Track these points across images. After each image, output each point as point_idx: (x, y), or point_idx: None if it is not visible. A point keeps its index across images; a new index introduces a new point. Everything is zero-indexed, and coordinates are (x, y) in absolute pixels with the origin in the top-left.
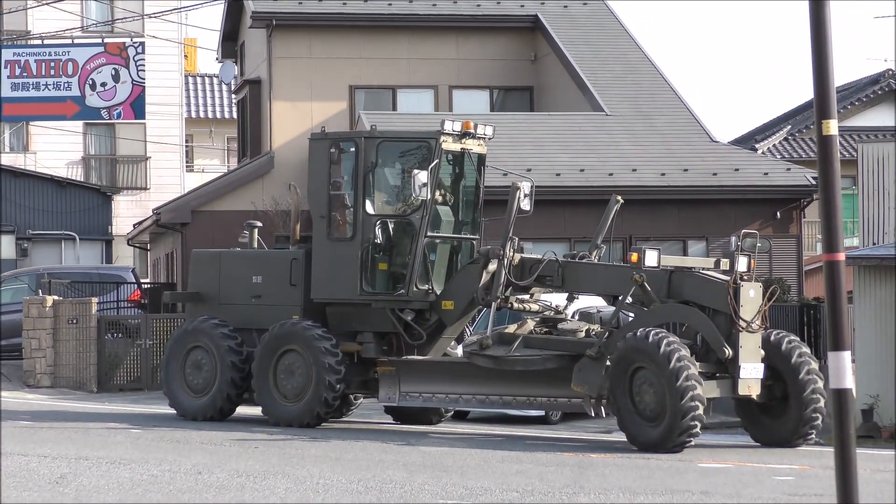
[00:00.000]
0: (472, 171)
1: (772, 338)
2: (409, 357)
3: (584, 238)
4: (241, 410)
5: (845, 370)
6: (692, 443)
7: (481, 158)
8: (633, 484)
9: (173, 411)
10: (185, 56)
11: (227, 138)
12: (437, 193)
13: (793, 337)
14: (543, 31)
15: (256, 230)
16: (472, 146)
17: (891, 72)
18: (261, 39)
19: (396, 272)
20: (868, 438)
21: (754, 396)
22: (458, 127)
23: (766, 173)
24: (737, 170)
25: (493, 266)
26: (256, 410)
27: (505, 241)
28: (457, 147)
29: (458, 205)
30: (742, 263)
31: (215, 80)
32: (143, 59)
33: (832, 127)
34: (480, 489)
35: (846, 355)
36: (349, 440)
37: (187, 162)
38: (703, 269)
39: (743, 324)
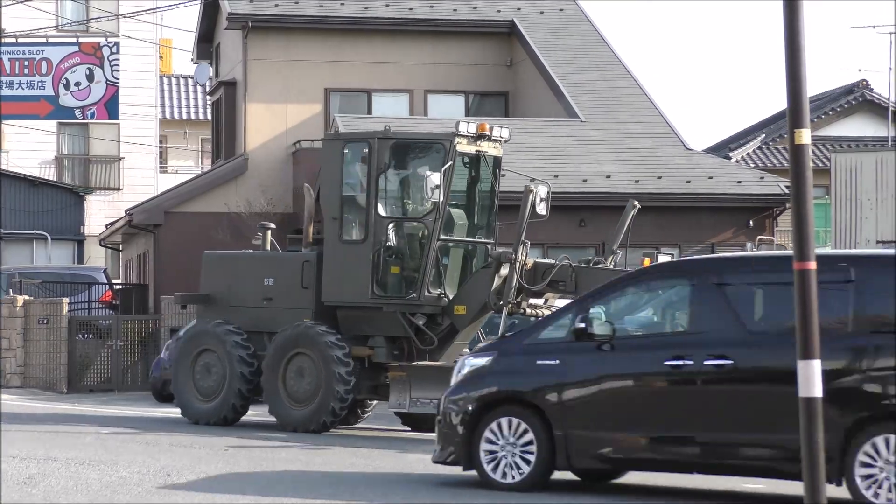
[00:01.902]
0: (487, 174)
1: None
2: (419, 362)
3: (558, 244)
4: (252, 414)
5: (815, 379)
6: None
7: (497, 161)
8: (607, 500)
9: (142, 413)
10: (160, 57)
11: (201, 140)
12: (451, 196)
13: None
14: (519, 37)
15: (270, 231)
16: (488, 148)
17: (864, 82)
18: (236, 41)
19: (408, 276)
20: None
21: None
22: (472, 129)
23: (739, 181)
24: (711, 178)
25: (505, 270)
26: (265, 412)
27: (517, 245)
28: (472, 149)
29: (473, 208)
30: None
31: (190, 82)
32: (118, 59)
33: (805, 136)
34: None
35: (816, 364)
36: (327, 445)
37: (161, 163)
38: None
39: None
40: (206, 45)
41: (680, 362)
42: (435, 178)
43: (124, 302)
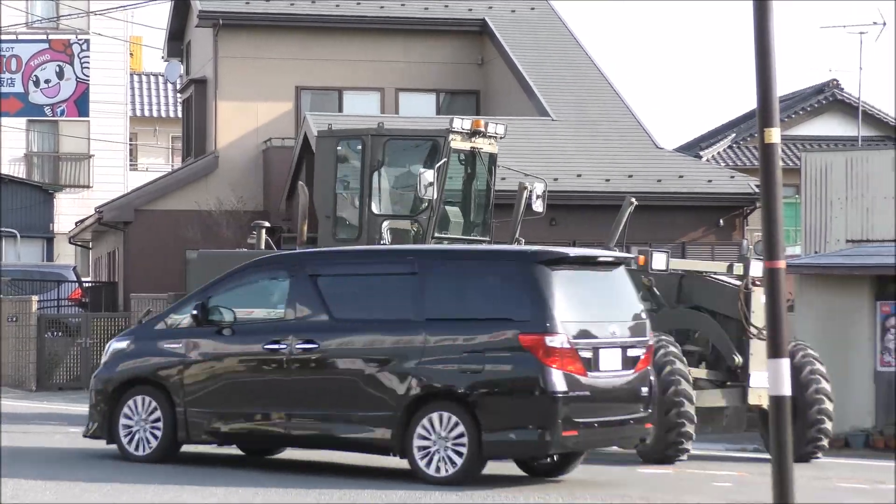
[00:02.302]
0: (482, 171)
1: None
2: None
3: (529, 244)
4: None
5: (783, 377)
6: (683, 458)
7: (492, 158)
8: (574, 489)
9: None
10: (131, 54)
11: (172, 137)
12: (446, 194)
13: (810, 351)
14: (491, 35)
15: (264, 231)
16: (483, 145)
17: (835, 82)
18: (207, 39)
19: None
20: None
21: (765, 406)
22: (467, 125)
23: (710, 181)
24: (681, 177)
25: None
26: None
27: (511, 243)
28: (466, 146)
29: (469, 205)
30: (756, 268)
31: (161, 79)
32: (88, 57)
33: (774, 135)
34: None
35: (785, 362)
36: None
37: (131, 160)
38: (714, 273)
39: (754, 331)
40: (177, 42)
41: (276, 346)
42: (428, 175)
43: (94, 300)
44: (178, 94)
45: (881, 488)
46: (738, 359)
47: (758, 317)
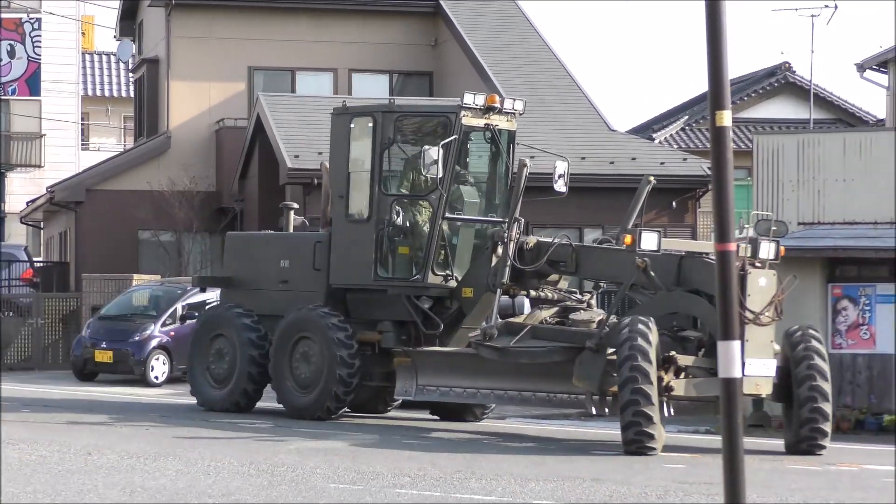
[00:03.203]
0: (500, 150)
1: (793, 330)
2: (423, 348)
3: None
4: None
5: (734, 359)
6: (650, 447)
7: (510, 135)
8: (524, 470)
9: (64, 391)
10: (83, 33)
11: (124, 117)
12: (462, 173)
13: (813, 331)
14: (444, 17)
15: (293, 212)
16: (499, 122)
17: (787, 64)
18: (159, 18)
19: (413, 256)
20: (758, 428)
21: (764, 395)
22: (480, 101)
23: (662, 163)
24: (634, 159)
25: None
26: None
27: (510, 223)
28: (480, 122)
29: (487, 186)
30: (767, 249)
31: (112, 59)
32: (40, 36)
33: (726, 118)
34: (372, 473)
35: (735, 344)
36: (241, 423)
37: (83, 140)
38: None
39: (750, 315)
40: (129, 22)
41: None
42: (433, 152)
43: (45, 280)
44: (131, 74)
45: (833, 470)
46: None
47: (754, 300)
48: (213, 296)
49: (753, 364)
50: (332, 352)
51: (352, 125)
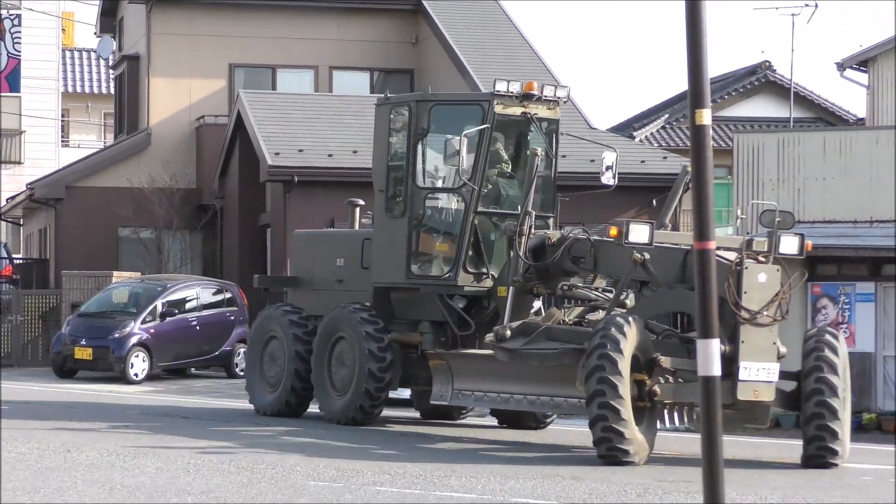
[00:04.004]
0: (541, 141)
1: (808, 335)
2: (457, 351)
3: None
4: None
5: (713, 358)
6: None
7: (552, 125)
8: (506, 469)
9: (38, 388)
10: (63, 30)
11: (104, 114)
12: (500, 165)
13: (830, 336)
14: (425, 14)
15: (359, 209)
16: (540, 110)
17: (767, 63)
18: (140, 15)
19: (447, 254)
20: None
21: (764, 400)
22: (515, 88)
23: (643, 161)
24: None
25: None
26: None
27: (523, 217)
28: (517, 111)
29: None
30: (790, 244)
31: (93, 55)
32: (20, 32)
33: (706, 117)
34: (352, 471)
35: (715, 343)
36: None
37: (63, 137)
38: (729, 248)
39: (745, 314)
40: (110, 18)
41: None
42: (455, 142)
43: (25, 277)
44: (111, 71)
45: (811, 468)
46: (724, 347)
47: (752, 298)
48: (193, 293)
49: (750, 368)
50: (362, 346)
51: (392, 116)
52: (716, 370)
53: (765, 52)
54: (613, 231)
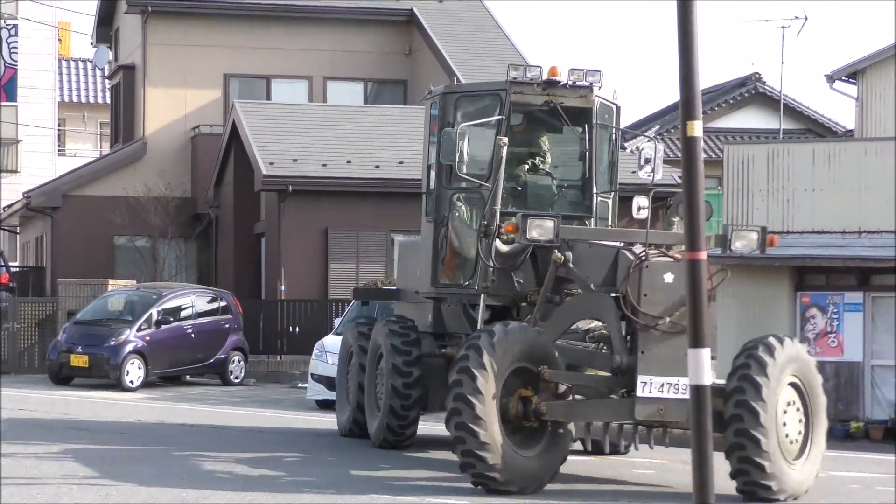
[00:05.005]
0: (575, 133)
1: (741, 349)
2: None
3: None
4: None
5: (704, 367)
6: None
7: (584, 114)
8: None
9: (34, 395)
10: (59, 40)
11: (100, 123)
12: (533, 160)
13: (764, 347)
14: (418, 26)
15: None
16: (568, 99)
17: (757, 75)
18: (136, 25)
19: (472, 260)
20: None
21: (672, 422)
22: (535, 73)
23: (633, 171)
24: None
25: (504, 247)
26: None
27: (490, 217)
28: (539, 100)
29: (566, 176)
30: (743, 240)
31: (89, 65)
32: (17, 42)
33: (697, 128)
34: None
35: (706, 352)
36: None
37: (59, 146)
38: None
39: (647, 320)
40: (106, 28)
41: None
42: (452, 135)
43: (21, 284)
44: (107, 80)
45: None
46: (619, 359)
47: (654, 301)
48: (188, 301)
49: (650, 383)
50: (388, 360)
51: (432, 111)
52: (706, 379)
53: (755, 65)
54: (510, 226)
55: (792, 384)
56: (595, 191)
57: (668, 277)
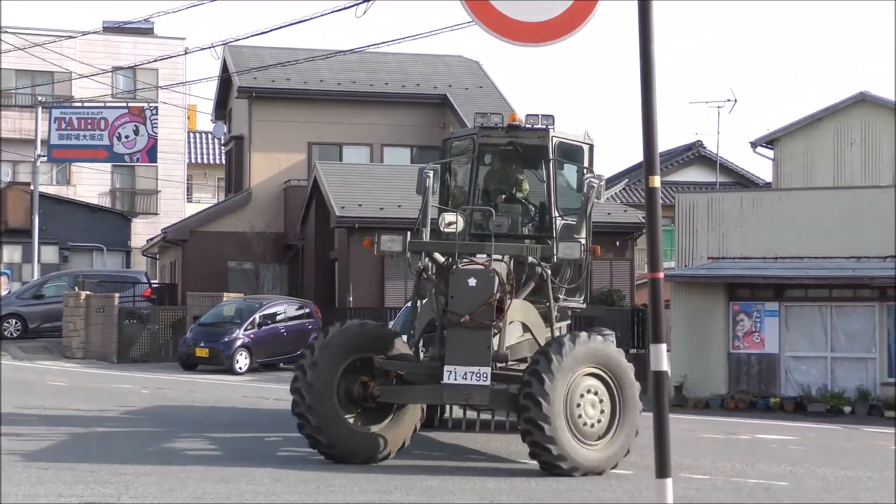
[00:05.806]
0: (536, 165)
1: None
2: None
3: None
4: None
5: (662, 357)
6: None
7: (542, 150)
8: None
9: (168, 377)
10: (188, 117)
11: (218, 178)
12: (494, 193)
13: (554, 346)
14: (450, 106)
15: None
16: (528, 139)
17: (700, 142)
18: (244, 107)
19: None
20: (678, 407)
21: (481, 405)
22: (497, 119)
23: (609, 213)
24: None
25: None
26: None
27: (416, 233)
28: (503, 140)
29: (528, 206)
30: (568, 250)
31: (210, 136)
32: (157, 119)
33: (656, 181)
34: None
35: (663, 346)
36: None
37: (188, 195)
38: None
39: (452, 317)
40: (222, 109)
41: None
42: (419, 174)
43: (160, 296)
44: (223, 147)
45: (733, 438)
46: (434, 350)
47: (461, 301)
48: (282, 308)
49: (455, 371)
50: None
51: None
52: (664, 366)
53: (698, 134)
54: (366, 242)
55: (593, 374)
56: (555, 214)
57: (472, 282)
